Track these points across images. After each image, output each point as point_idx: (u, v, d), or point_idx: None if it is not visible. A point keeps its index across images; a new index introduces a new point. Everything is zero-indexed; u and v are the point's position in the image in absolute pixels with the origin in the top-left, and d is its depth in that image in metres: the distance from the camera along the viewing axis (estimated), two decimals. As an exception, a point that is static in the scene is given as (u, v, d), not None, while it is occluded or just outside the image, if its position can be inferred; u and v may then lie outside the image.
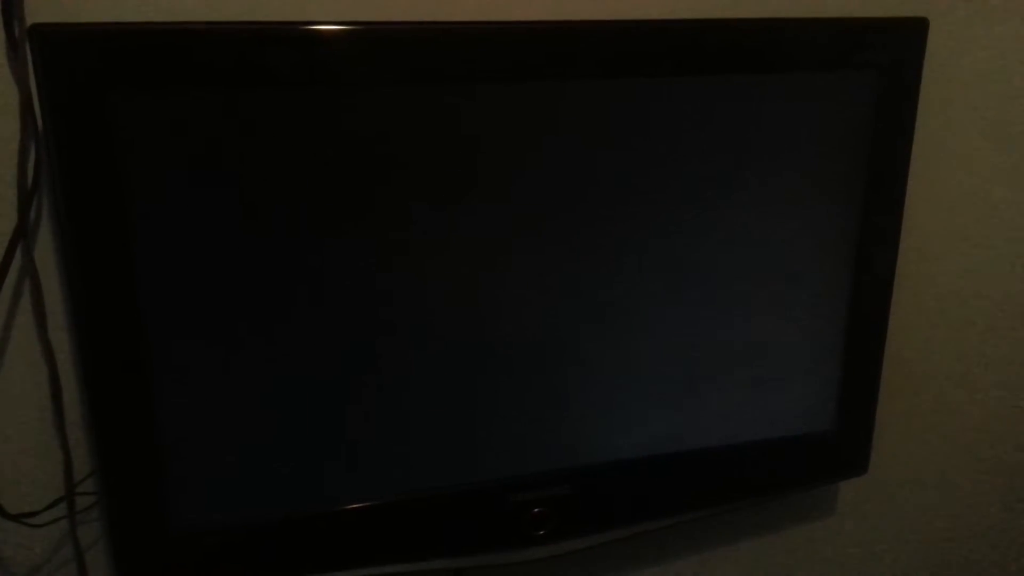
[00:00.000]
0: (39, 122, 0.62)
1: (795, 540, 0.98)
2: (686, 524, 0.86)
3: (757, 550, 0.97)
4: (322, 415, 0.67)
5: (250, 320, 0.64)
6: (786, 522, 0.97)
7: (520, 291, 0.70)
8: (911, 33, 0.76)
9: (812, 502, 0.97)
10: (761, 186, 0.74)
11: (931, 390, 0.97)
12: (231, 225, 0.61)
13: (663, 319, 0.75)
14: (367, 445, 0.69)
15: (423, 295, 0.67)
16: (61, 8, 0.62)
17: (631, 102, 0.68)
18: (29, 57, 0.56)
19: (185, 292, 0.62)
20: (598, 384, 0.74)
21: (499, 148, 0.66)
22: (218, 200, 0.61)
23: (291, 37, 0.59)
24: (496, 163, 0.66)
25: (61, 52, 0.54)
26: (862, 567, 1.02)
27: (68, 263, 0.60)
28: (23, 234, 0.64)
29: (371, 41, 0.61)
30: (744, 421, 0.80)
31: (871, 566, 1.02)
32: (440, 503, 0.73)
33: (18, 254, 0.65)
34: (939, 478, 1.01)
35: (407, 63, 0.62)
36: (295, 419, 0.67)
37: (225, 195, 0.61)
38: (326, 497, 0.70)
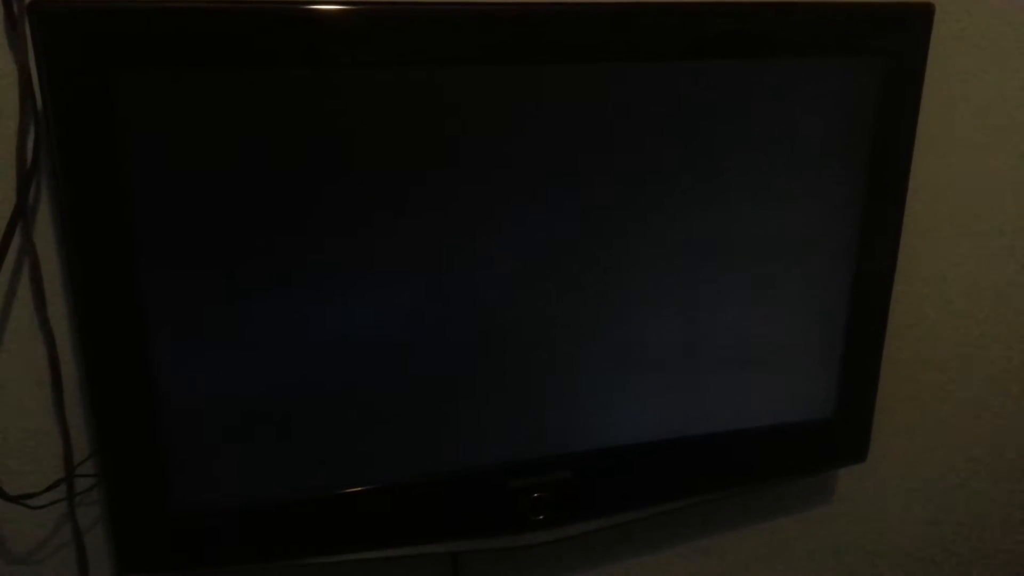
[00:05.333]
0: (38, 101, 0.62)
1: (793, 527, 0.98)
2: (684, 510, 0.86)
3: (755, 536, 0.97)
4: (322, 399, 0.67)
5: (250, 302, 0.63)
6: (785, 509, 0.97)
7: (520, 278, 0.70)
8: (917, 19, 0.75)
9: (811, 489, 0.97)
10: (764, 173, 0.74)
11: (930, 379, 0.97)
12: (230, 205, 0.61)
13: (664, 306, 0.74)
14: (366, 429, 0.69)
15: (422, 280, 0.67)
16: (60, -14, 0.62)
17: (634, 86, 0.68)
18: (28, 35, 0.56)
19: (184, 273, 0.61)
20: (598, 370, 0.74)
21: (503, 130, 0.65)
22: (218, 180, 0.60)
23: (293, 16, 0.58)
24: (499, 145, 0.66)
25: (61, 30, 0.54)
26: (859, 554, 1.02)
27: (67, 244, 0.59)
28: (22, 215, 0.64)
29: (372, 20, 0.60)
30: (744, 408, 0.80)
31: (868, 553, 1.03)
32: (439, 488, 0.73)
33: (17, 235, 0.64)
34: (937, 466, 1.01)
35: (406, 43, 0.61)
36: (294, 404, 0.67)
37: (225, 175, 0.60)
38: (325, 481, 0.70)
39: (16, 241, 0.65)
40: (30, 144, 0.63)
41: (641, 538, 0.92)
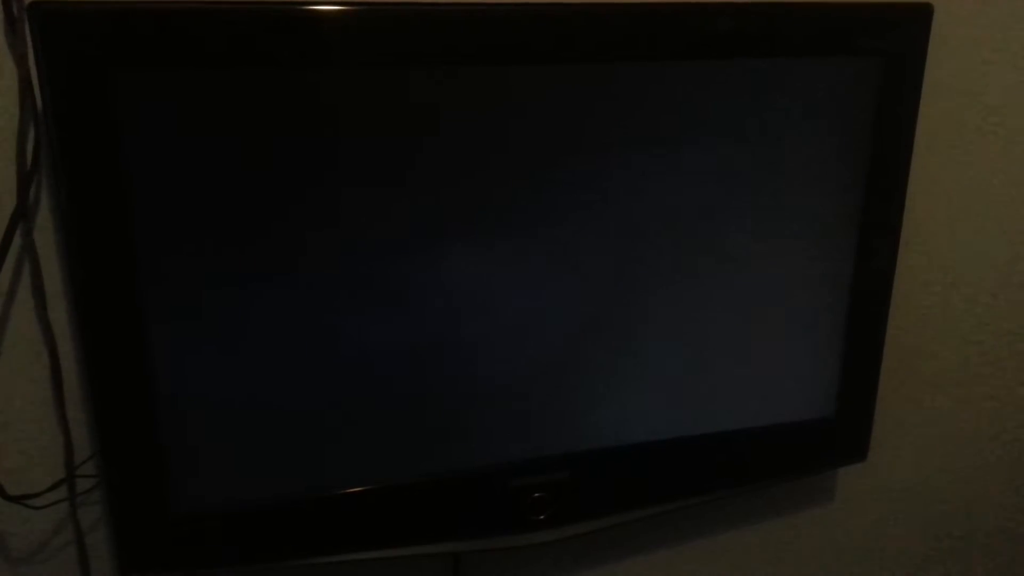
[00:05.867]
0: (38, 101, 0.62)
1: (794, 526, 0.98)
2: (685, 510, 0.86)
3: (756, 536, 0.97)
4: (323, 398, 0.67)
5: (251, 300, 0.63)
6: (785, 508, 0.97)
7: (519, 278, 0.70)
8: (916, 19, 0.75)
9: (811, 489, 0.97)
10: (763, 173, 0.74)
11: (931, 378, 0.97)
12: (231, 205, 0.61)
13: (664, 306, 0.74)
14: (368, 430, 0.69)
15: (423, 280, 0.67)
16: (61, -14, 0.62)
17: (633, 86, 0.68)
18: (28, 35, 0.56)
19: (184, 272, 0.61)
20: (599, 370, 0.74)
21: (502, 132, 0.66)
22: (219, 180, 0.60)
23: (292, 16, 0.58)
24: (496, 146, 0.66)
25: (61, 30, 0.54)
26: (860, 553, 1.02)
27: (68, 243, 0.59)
28: (22, 215, 0.64)
29: (372, 21, 0.60)
30: (744, 407, 0.80)
31: (868, 552, 1.03)
32: (440, 488, 0.73)
33: (18, 235, 0.64)
34: (937, 466, 1.01)
35: (407, 44, 0.61)
36: (295, 404, 0.67)
37: (226, 175, 0.60)
38: (327, 480, 0.70)
39: (17, 241, 0.65)
40: (30, 144, 0.63)
41: (642, 538, 0.92)
